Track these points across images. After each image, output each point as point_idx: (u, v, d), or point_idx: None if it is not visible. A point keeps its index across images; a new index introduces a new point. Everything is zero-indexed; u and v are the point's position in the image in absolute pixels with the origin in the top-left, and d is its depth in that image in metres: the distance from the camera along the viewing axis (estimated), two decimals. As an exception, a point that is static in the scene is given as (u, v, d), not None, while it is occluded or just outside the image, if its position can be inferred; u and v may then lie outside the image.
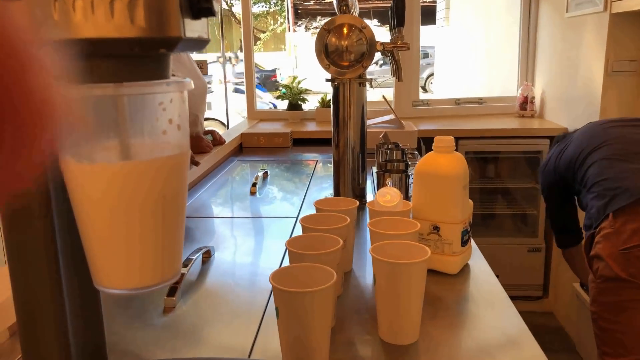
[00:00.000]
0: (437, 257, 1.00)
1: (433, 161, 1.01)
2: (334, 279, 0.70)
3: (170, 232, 0.43)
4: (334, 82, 1.42)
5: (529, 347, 0.79)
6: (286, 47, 14.87)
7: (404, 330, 0.79)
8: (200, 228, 1.36)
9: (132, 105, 0.38)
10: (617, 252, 1.41)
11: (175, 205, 0.43)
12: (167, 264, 0.43)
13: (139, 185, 0.40)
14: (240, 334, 0.84)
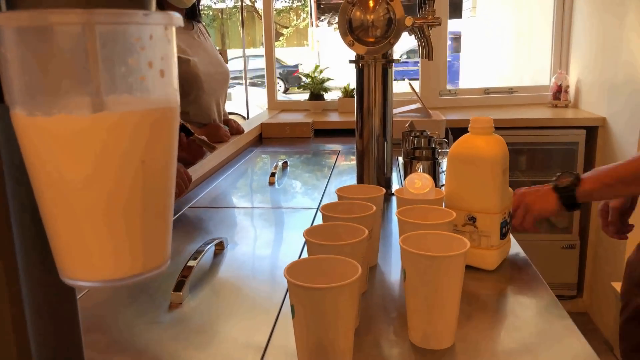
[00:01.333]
0: (472, 251, 0.89)
1: (469, 143, 0.90)
2: (358, 273, 0.60)
3: (153, 210, 0.34)
4: (358, 63, 1.32)
5: (577, 347, 0.69)
6: (309, 43, 14.77)
7: (438, 334, 0.69)
8: (215, 219, 1.28)
9: (102, 39, 0.29)
10: None
11: (158, 175, 0.34)
12: (149, 250, 0.34)
13: (109, 146, 0.31)
14: (253, 334, 0.75)
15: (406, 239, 0.70)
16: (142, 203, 0.33)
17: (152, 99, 0.32)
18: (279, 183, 1.58)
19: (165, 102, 0.33)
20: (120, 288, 0.90)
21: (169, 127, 0.34)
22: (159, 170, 0.34)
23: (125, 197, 0.32)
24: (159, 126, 0.33)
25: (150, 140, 0.32)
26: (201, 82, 1.80)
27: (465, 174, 0.90)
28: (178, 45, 1.77)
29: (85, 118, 0.30)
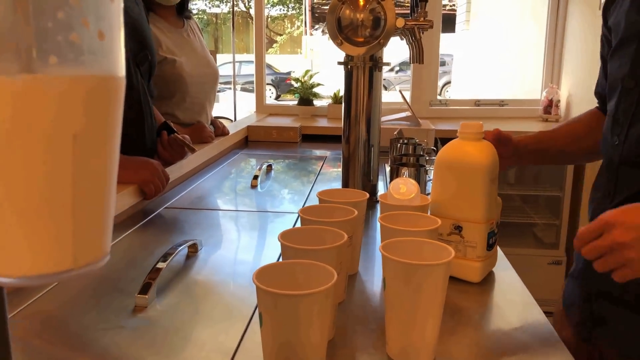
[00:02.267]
0: (457, 262, 0.85)
1: (458, 149, 0.86)
2: (333, 280, 0.55)
3: (87, 195, 0.29)
4: (347, 65, 1.29)
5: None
6: (302, 51, 14.77)
7: (417, 348, 0.64)
8: (191, 220, 1.22)
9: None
10: None
11: (94, 154, 0.29)
12: (82, 243, 0.29)
13: (30, 115, 0.26)
14: (221, 339, 0.70)
15: (387, 246, 0.65)
16: (73, 187, 0.28)
17: (88, 65, 0.27)
18: (262, 187, 1.53)
19: (105, 69, 0.28)
20: (84, 290, 0.85)
21: (109, 99, 0.29)
22: (96, 148, 0.29)
23: (52, 178, 0.27)
24: (96, 97, 0.28)
25: (83, 112, 0.27)
26: (186, 84, 1.76)
27: (453, 181, 0.86)
28: (165, 45, 1.73)
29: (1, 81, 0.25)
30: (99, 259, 0.31)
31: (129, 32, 1.29)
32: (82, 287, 0.86)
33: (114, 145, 0.30)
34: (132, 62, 1.28)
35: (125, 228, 1.12)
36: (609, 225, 0.68)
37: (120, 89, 0.30)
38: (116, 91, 0.29)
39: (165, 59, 1.71)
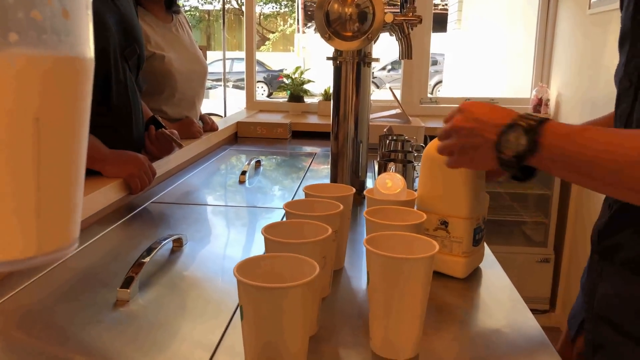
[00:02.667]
0: (443, 258, 0.85)
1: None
2: (315, 272, 0.55)
3: (52, 180, 0.28)
4: (336, 60, 1.28)
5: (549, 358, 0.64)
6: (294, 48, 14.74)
7: (401, 343, 0.63)
8: (177, 215, 1.21)
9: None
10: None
11: (59, 138, 0.28)
12: (46, 229, 0.28)
13: (-11, 95, 0.25)
14: (204, 334, 0.69)
15: (371, 240, 0.65)
16: (37, 171, 0.27)
17: (51, 44, 0.26)
18: (250, 182, 1.52)
19: (70, 50, 0.27)
20: (65, 284, 0.84)
21: (73, 81, 0.28)
22: (60, 132, 0.28)
23: (13, 162, 0.26)
24: (58, 78, 0.27)
25: (44, 93, 0.26)
26: (175, 79, 1.74)
27: (439, 176, 0.86)
28: (154, 40, 1.72)
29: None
30: (66, 246, 0.30)
31: (117, 25, 1.28)
32: (64, 281, 0.85)
33: (81, 129, 0.29)
34: (120, 56, 1.27)
35: (110, 222, 1.11)
36: (457, 111, 0.73)
37: (87, 71, 0.29)
38: (82, 73, 0.28)
39: (154, 54, 1.69)
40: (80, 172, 0.30)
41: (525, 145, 0.63)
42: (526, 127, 0.64)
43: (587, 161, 0.61)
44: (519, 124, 0.64)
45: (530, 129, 0.63)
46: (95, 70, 1.15)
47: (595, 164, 0.60)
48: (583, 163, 0.61)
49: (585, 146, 0.61)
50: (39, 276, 0.84)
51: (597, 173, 0.61)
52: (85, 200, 1.06)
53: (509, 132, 0.65)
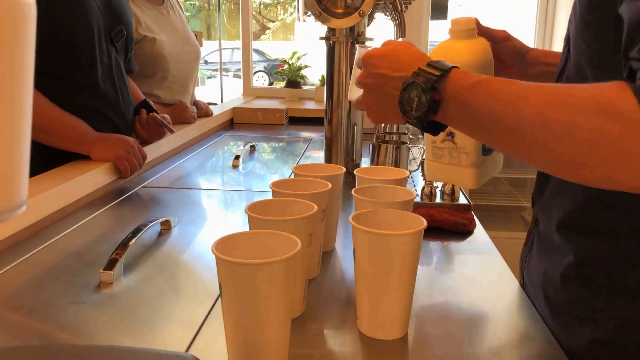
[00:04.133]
0: (452, 169, 0.77)
1: (448, 48, 0.76)
2: (297, 248, 0.53)
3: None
4: (329, 40, 1.25)
5: (543, 346, 0.62)
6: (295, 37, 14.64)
7: (388, 322, 0.62)
8: (168, 199, 1.19)
9: None
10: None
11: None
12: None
13: None
14: (186, 317, 0.67)
15: (358, 217, 0.63)
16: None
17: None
18: (244, 167, 1.50)
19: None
20: (49, 264, 0.82)
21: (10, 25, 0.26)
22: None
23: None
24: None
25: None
26: (167, 62, 1.72)
27: None
28: (145, 23, 1.69)
29: None
30: (9, 208, 0.28)
31: (102, 6, 1.25)
32: (49, 262, 0.83)
33: (22, 82, 0.27)
34: (106, 38, 1.24)
35: (99, 206, 1.09)
36: (362, 63, 0.66)
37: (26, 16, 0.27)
38: (20, 17, 0.26)
39: (145, 37, 1.67)
40: (22, 128, 0.28)
41: (426, 104, 0.57)
42: (424, 83, 0.57)
43: (487, 117, 0.54)
44: (417, 81, 0.57)
45: (429, 86, 0.56)
46: (79, 52, 1.13)
47: (495, 119, 0.53)
48: (484, 119, 0.54)
49: (487, 100, 0.54)
50: (24, 258, 0.83)
51: (496, 130, 0.54)
52: (72, 183, 1.05)
53: (409, 89, 0.59)
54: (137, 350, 0.44)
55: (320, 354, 0.60)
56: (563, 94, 0.49)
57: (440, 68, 0.57)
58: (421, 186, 1.10)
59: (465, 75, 0.57)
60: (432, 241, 0.95)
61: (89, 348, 0.47)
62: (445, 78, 0.57)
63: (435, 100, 0.56)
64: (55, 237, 0.91)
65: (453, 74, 0.57)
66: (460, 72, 0.58)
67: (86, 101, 1.21)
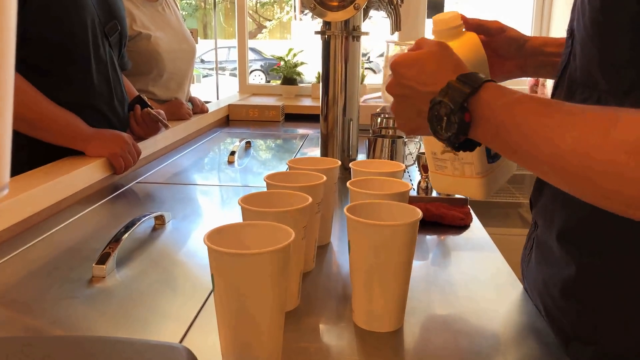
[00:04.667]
0: (458, 180, 0.74)
1: None
2: (290, 238, 0.52)
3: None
4: (324, 34, 1.24)
5: (542, 341, 0.61)
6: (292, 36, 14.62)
7: (383, 315, 0.61)
8: (162, 195, 1.19)
9: None
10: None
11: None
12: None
13: None
14: (178, 311, 0.66)
15: (353, 208, 0.62)
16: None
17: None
18: (239, 163, 1.49)
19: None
20: (42, 259, 0.81)
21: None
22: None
23: None
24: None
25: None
26: (162, 59, 1.71)
27: None
28: (140, 19, 1.68)
29: None
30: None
31: (97, 1, 1.24)
32: (41, 257, 0.82)
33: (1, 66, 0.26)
34: (100, 33, 1.23)
35: (93, 201, 1.08)
36: (392, 69, 0.61)
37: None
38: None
39: (140, 34, 1.66)
40: (3, 112, 0.27)
41: (456, 125, 0.53)
42: (453, 102, 0.53)
43: (521, 145, 0.50)
44: (444, 101, 0.53)
45: (457, 106, 0.52)
46: (73, 47, 1.12)
47: (530, 149, 0.50)
48: (518, 147, 0.51)
49: (521, 126, 0.50)
50: (17, 252, 0.82)
51: (531, 161, 0.51)
52: (66, 178, 1.04)
53: (437, 107, 0.55)
54: (129, 341, 0.44)
55: (316, 347, 0.60)
56: (603, 128, 0.44)
57: (471, 84, 0.53)
58: (417, 180, 1.09)
59: (498, 93, 0.53)
60: (429, 235, 0.95)
61: (79, 339, 0.46)
62: (476, 95, 0.53)
63: (465, 121, 0.53)
64: (48, 232, 0.91)
65: (484, 91, 0.53)
66: (492, 88, 0.53)
67: (80, 97, 1.20)
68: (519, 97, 0.51)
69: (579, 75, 0.59)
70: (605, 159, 0.43)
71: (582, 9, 0.56)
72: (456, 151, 0.58)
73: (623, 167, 0.42)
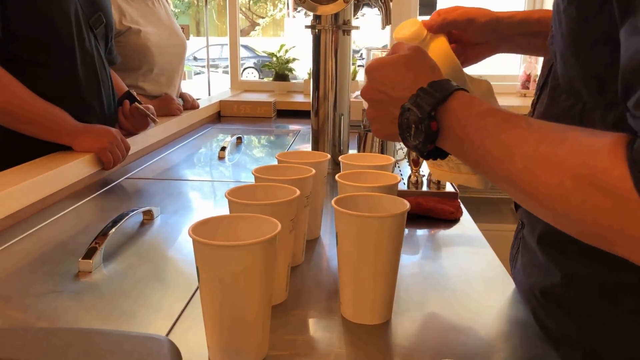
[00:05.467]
0: (455, 175, 0.73)
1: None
2: (276, 230, 0.52)
3: None
4: (315, 28, 1.24)
5: (530, 336, 0.61)
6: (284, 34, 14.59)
7: (371, 307, 0.61)
8: (152, 190, 1.18)
9: None
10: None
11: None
12: None
13: None
14: (165, 305, 0.66)
15: (341, 200, 0.62)
16: None
17: None
18: (230, 159, 1.48)
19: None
20: (28, 255, 0.80)
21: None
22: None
23: None
24: None
25: None
26: (152, 54, 1.70)
27: None
28: (129, 14, 1.66)
29: None
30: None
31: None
32: (28, 251, 0.82)
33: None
34: (84, 25, 1.22)
35: (81, 197, 1.07)
36: (366, 73, 0.61)
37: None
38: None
39: (130, 28, 1.65)
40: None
41: (423, 134, 0.53)
42: (421, 111, 0.52)
43: (481, 160, 0.50)
44: (412, 109, 0.53)
45: (425, 115, 0.52)
46: (57, 39, 1.11)
47: (489, 164, 0.49)
48: (478, 161, 0.51)
49: (483, 141, 0.49)
50: (4, 247, 0.82)
51: (490, 175, 0.50)
52: (54, 173, 1.03)
53: (406, 114, 0.54)
54: (106, 332, 0.43)
55: (303, 340, 0.59)
56: (553, 151, 0.44)
57: (441, 92, 0.53)
58: (408, 174, 1.09)
59: (466, 103, 0.52)
60: (420, 229, 0.94)
61: (55, 330, 0.46)
62: (444, 105, 0.52)
63: (432, 130, 0.52)
64: (35, 227, 0.90)
65: (453, 100, 0.52)
66: (461, 98, 0.53)
67: (66, 90, 1.19)
68: (484, 110, 0.51)
69: (562, 82, 0.57)
70: (552, 182, 0.43)
71: (558, 17, 0.54)
72: (425, 159, 0.58)
73: (568, 192, 0.42)
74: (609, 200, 0.40)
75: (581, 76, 0.52)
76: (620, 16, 0.43)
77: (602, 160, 0.40)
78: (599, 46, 0.47)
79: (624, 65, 0.42)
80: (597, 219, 0.41)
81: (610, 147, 0.41)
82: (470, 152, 0.51)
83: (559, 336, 0.60)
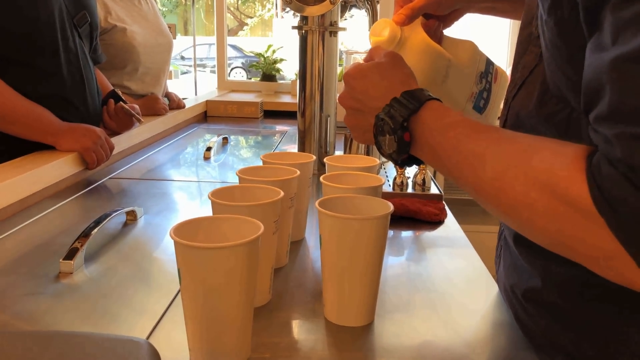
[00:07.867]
0: None
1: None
2: (259, 232, 0.51)
3: None
4: (301, 29, 1.24)
5: (512, 338, 0.62)
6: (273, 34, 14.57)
7: (354, 309, 0.61)
8: (136, 190, 1.17)
9: None
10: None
11: None
12: None
13: None
14: (148, 307, 0.65)
15: (324, 202, 0.61)
16: None
17: None
18: (216, 159, 1.47)
19: None
20: (7, 256, 0.79)
21: None
22: None
23: None
24: None
25: None
26: (138, 53, 1.68)
27: None
28: (115, 12, 1.65)
29: None
30: None
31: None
32: (7, 252, 0.80)
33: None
34: (68, 23, 1.21)
35: (64, 196, 1.06)
36: (344, 80, 0.62)
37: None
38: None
39: (115, 27, 1.63)
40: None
41: (396, 144, 0.54)
42: (394, 122, 0.53)
43: (452, 170, 0.52)
44: (386, 119, 0.54)
45: (397, 126, 0.53)
46: (40, 37, 1.09)
47: (459, 175, 0.51)
48: (449, 171, 0.52)
49: (453, 152, 0.51)
50: (-20, 250, 0.80)
51: (462, 184, 0.51)
52: (36, 173, 1.02)
53: (379, 124, 0.56)
54: (85, 335, 0.42)
55: (286, 342, 0.59)
56: (521, 161, 0.45)
57: (414, 102, 0.54)
58: (393, 176, 1.09)
59: (438, 114, 0.53)
60: (404, 231, 0.95)
61: (33, 334, 0.45)
62: (416, 115, 0.53)
63: (404, 140, 0.54)
64: (16, 227, 0.88)
65: (424, 111, 0.53)
66: (433, 108, 0.54)
67: (50, 89, 1.18)
68: (455, 121, 0.52)
69: (551, 87, 0.56)
70: (518, 191, 0.44)
71: (542, 27, 0.54)
72: (400, 167, 0.59)
73: (533, 201, 0.43)
74: (570, 210, 0.41)
75: (567, 85, 0.53)
76: (587, 31, 0.44)
77: (564, 170, 0.42)
78: (579, 57, 0.47)
79: (587, 80, 0.43)
80: (560, 228, 0.42)
81: (573, 158, 0.42)
82: (442, 161, 0.53)
83: (541, 338, 0.61)
